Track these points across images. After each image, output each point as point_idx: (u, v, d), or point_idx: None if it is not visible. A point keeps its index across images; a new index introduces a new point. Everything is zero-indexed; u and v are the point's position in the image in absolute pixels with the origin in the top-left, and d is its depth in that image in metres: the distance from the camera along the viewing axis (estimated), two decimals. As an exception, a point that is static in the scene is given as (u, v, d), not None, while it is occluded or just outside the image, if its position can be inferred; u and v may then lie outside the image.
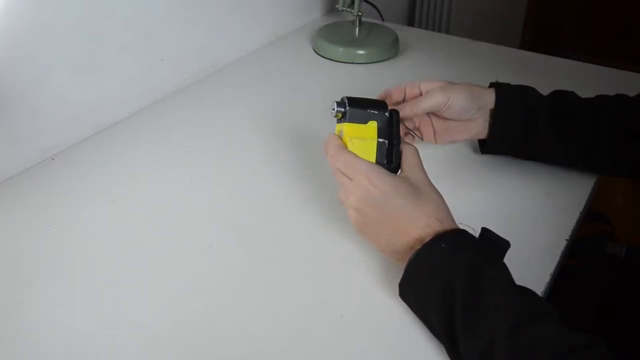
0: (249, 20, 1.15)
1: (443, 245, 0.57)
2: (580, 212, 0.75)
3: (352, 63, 1.14)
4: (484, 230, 0.61)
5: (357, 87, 1.07)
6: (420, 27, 1.82)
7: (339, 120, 0.66)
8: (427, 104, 0.73)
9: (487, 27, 1.95)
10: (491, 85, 0.77)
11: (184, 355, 0.58)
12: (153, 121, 0.95)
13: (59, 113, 0.85)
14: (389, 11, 1.54)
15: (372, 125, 0.64)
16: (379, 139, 0.64)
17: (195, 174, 0.83)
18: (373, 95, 0.68)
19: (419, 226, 0.59)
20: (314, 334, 0.60)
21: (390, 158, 0.64)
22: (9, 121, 0.79)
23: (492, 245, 0.60)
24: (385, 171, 0.61)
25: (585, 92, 0.79)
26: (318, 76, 1.10)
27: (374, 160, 0.63)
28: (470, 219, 0.63)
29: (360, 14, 1.18)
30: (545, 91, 0.78)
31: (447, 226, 0.60)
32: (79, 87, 0.87)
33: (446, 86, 0.74)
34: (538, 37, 2.45)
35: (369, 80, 1.09)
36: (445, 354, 0.57)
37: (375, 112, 0.64)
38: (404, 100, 0.75)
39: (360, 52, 1.14)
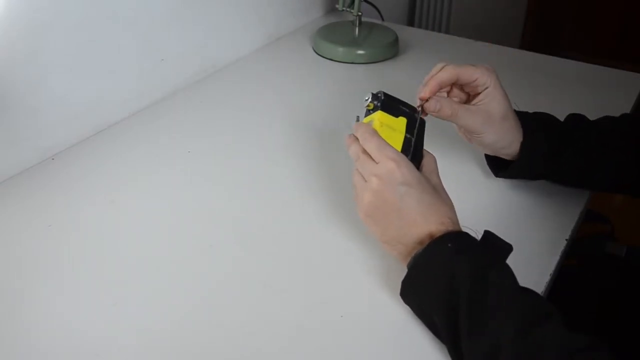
0: (249, 20, 1.15)
1: (449, 245, 0.58)
2: (580, 212, 0.75)
3: (352, 63, 1.14)
4: (487, 232, 0.61)
5: (357, 87, 1.07)
6: (420, 27, 1.82)
7: (368, 112, 0.67)
8: (465, 122, 0.70)
9: (487, 27, 1.95)
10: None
11: (184, 355, 0.58)
12: (153, 121, 0.95)
13: (59, 113, 0.85)
14: (389, 11, 1.54)
15: (402, 120, 0.66)
16: (407, 134, 0.65)
17: (195, 174, 0.83)
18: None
19: (433, 222, 0.60)
20: (314, 333, 0.60)
21: (412, 157, 0.64)
22: (9, 121, 0.79)
23: (494, 248, 0.60)
24: (412, 164, 0.62)
25: (585, 92, 0.79)
26: (318, 76, 1.10)
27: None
28: (471, 218, 0.63)
29: (360, 14, 1.18)
30: (545, 92, 0.78)
31: (457, 227, 0.60)
32: (79, 87, 0.87)
33: (487, 120, 0.70)
34: (538, 37, 2.45)
35: (369, 80, 1.09)
36: (446, 354, 0.57)
37: (407, 110, 0.66)
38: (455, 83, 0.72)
39: (360, 52, 1.14)
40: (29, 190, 0.79)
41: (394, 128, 0.65)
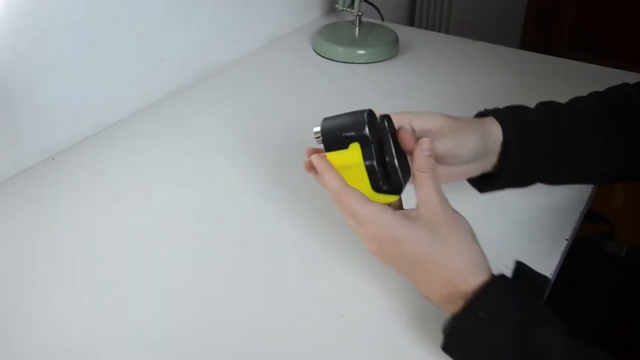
0: (249, 20, 1.15)
1: (481, 315, 0.49)
2: (580, 212, 0.75)
3: (352, 63, 1.14)
4: (519, 265, 0.55)
5: (357, 87, 1.07)
6: (420, 27, 1.82)
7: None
8: (439, 150, 0.57)
9: (487, 27, 1.95)
10: (483, 114, 0.65)
11: (183, 355, 0.58)
12: (153, 121, 0.95)
13: (59, 113, 0.85)
14: (389, 11, 1.54)
15: (355, 148, 0.54)
16: (366, 162, 0.54)
17: (195, 174, 0.83)
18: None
19: (441, 282, 0.52)
20: (314, 333, 0.60)
21: (386, 179, 0.54)
22: (9, 121, 0.79)
23: (529, 285, 0.54)
24: (395, 217, 0.53)
25: (585, 92, 0.79)
26: (318, 76, 1.10)
27: (369, 187, 0.55)
28: (471, 218, 0.63)
29: (360, 14, 1.18)
30: (545, 92, 0.78)
31: (473, 283, 0.51)
32: (79, 87, 0.87)
33: (454, 128, 0.59)
34: (538, 37, 2.45)
35: (369, 80, 1.09)
36: (444, 354, 0.56)
37: (352, 134, 0.54)
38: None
39: (360, 52, 1.14)
40: (29, 190, 0.79)
41: (350, 164, 0.54)
